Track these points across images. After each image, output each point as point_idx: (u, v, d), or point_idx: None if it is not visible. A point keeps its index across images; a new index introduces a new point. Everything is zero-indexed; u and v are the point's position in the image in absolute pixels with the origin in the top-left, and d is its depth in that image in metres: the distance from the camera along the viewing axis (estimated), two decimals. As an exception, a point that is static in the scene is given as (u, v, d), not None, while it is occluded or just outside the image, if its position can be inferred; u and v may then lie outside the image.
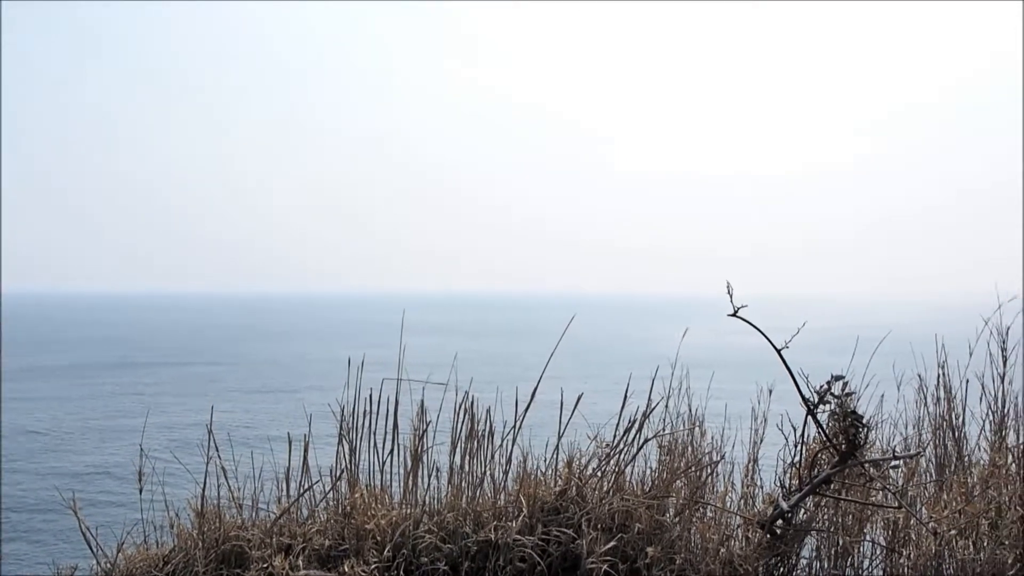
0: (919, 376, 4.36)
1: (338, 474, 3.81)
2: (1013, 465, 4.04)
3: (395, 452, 3.88)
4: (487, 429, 4.01)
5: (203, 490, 3.68)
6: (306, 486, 3.78)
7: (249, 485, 3.83)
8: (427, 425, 3.89)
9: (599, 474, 3.96)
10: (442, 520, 3.73)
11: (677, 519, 3.89)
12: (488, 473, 3.96)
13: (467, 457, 3.94)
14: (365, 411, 3.87)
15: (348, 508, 3.68)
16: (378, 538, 3.58)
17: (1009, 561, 3.56)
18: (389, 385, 3.96)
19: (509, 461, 3.96)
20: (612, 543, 3.65)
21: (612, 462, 3.97)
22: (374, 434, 3.88)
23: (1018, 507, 3.75)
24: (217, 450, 3.76)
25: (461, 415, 3.95)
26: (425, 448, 3.90)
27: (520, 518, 3.75)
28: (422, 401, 3.89)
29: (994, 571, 3.59)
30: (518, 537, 3.65)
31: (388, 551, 3.56)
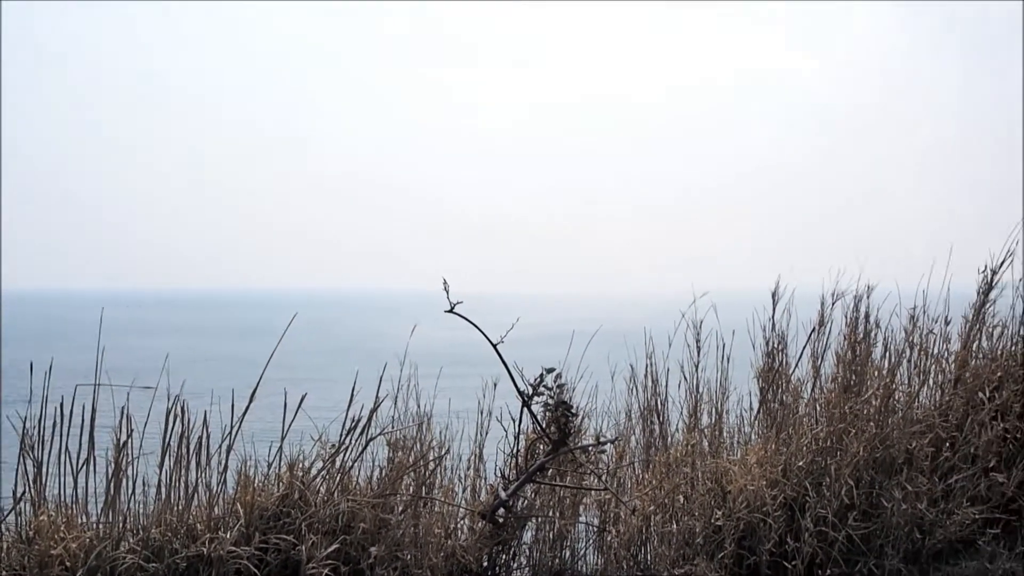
0: (631, 366, 4.71)
1: (19, 496, 3.38)
2: (705, 443, 4.50)
3: (91, 466, 3.51)
4: (204, 435, 3.77)
5: None
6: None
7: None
8: (130, 434, 3.57)
9: (324, 476, 3.87)
10: (147, 537, 3.44)
11: (403, 516, 3.90)
12: (202, 482, 3.72)
13: (178, 467, 3.67)
14: (54, 423, 3.47)
15: (31, 533, 3.28)
16: (68, 563, 3.22)
17: (697, 529, 3.95)
18: (88, 392, 3.58)
19: (226, 468, 3.74)
20: (335, 546, 3.58)
21: (337, 462, 3.89)
22: (67, 448, 3.49)
23: (707, 481, 4.17)
24: None
25: (171, 421, 3.67)
26: (129, 460, 3.58)
27: (236, 528, 3.56)
28: (124, 408, 3.56)
29: (685, 540, 3.97)
30: (233, 548, 3.46)
31: (81, 576, 3.22)
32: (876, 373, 4.50)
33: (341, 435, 3.92)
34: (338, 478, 3.87)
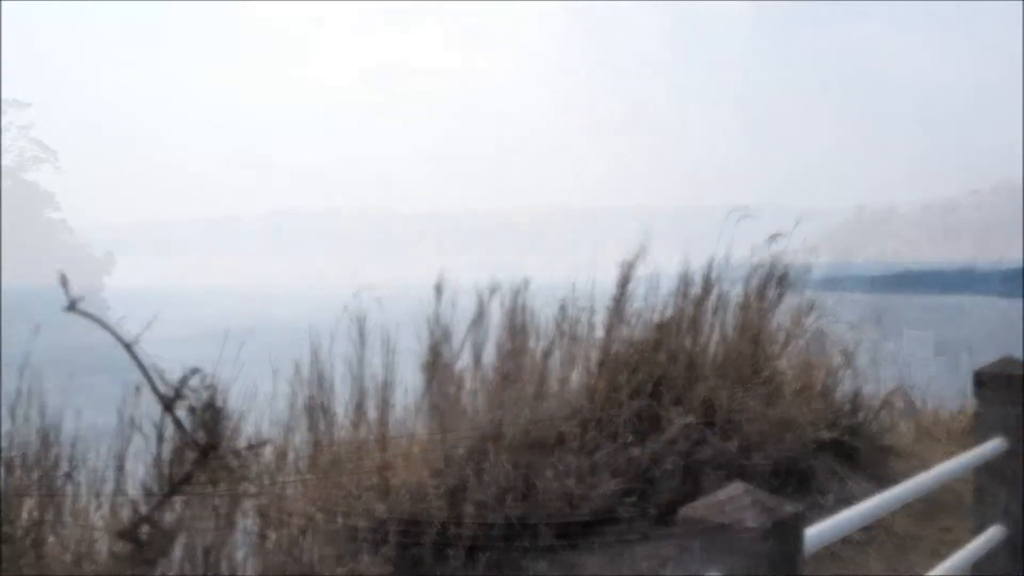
0: (295, 363, 4.54)
1: None
2: (371, 438, 4.47)
3: None
4: None
5: None
6: None
7: None
8: None
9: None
10: None
11: (20, 546, 3.38)
12: None
13: None
14: None
15: None
16: None
17: (361, 526, 3.91)
18: None
19: None
20: (-76, 592, 3.01)
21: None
22: None
23: (372, 476, 4.15)
24: None
25: None
26: None
27: None
28: None
29: (349, 537, 3.90)
30: None
31: None
32: (531, 360, 4.79)
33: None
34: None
